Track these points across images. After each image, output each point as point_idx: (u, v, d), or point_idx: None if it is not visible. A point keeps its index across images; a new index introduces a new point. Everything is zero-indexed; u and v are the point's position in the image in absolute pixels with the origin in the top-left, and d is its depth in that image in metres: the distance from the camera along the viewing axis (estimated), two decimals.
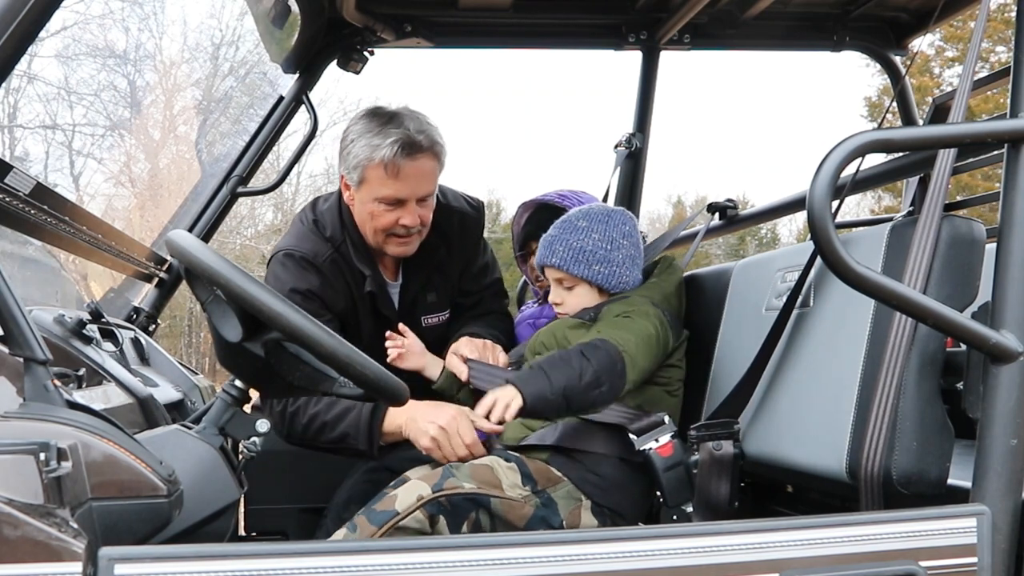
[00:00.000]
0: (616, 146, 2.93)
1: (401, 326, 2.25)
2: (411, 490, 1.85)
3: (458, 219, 2.41)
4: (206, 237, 2.88)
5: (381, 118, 2.18)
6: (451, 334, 2.41)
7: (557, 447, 1.93)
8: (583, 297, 2.05)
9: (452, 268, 2.43)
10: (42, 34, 1.23)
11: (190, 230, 2.81)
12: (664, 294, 2.05)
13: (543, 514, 1.87)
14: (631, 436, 1.88)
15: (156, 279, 2.83)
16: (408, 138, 2.13)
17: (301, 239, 2.31)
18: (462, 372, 2.12)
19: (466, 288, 2.49)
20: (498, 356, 2.22)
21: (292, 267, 2.26)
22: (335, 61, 2.79)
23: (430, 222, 2.27)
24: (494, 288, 2.56)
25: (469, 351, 2.18)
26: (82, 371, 1.71)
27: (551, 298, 2.11)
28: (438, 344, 2.40)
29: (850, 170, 1.50)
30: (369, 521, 1.82)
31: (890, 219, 1.81)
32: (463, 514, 1.82)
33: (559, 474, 1.90)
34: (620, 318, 1.94)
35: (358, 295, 2.30)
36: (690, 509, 1.81)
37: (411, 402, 2.13)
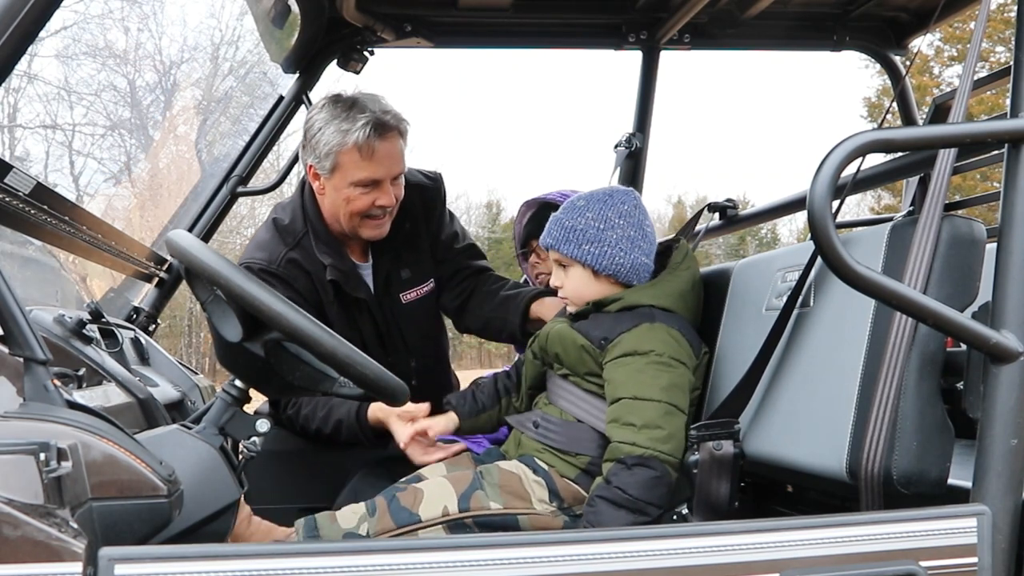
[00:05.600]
0: (616, 146, 2.93)
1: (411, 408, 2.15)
2: (438, 496, 1.85)
3: (418, 193, 2.44)
4: (206, 237, 2.89)
5: (344, 104, 2.22)
6: (440, 307, 2.52)
7: (585, 469, 1.90)
8: (578, 280, 1.99)
9: (421, 242, 2.46)
10: (42, 34, 1.23)
11: (190, 230, 2.81)
12: (680, 293, 1.97)
13: (574, 527, 1.85)
14: None
15: (156, 279, 2.83)
16: (377, 119, 2.18)
17: (258, 247, 2.33)
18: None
19: (440, 257, 2.51)
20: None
21: None
22: (335, 61, 2.79)
23: (400, 199, 2.31)
24: (469, 252, 2.58)
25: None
26: (82, 371, 1.71)
27: (552, 282, 2.07)
28: (423, 319, 2.46)
29: (850, 170, 1.50)
30: (389, 511, 1.83)
31: (890, 219, 1.81)
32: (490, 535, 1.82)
33: (585, 494, 1.87)
34: (636, 365, 1.84)
35: (321, 287, 2.32)
36: (685, 511, 1.81)
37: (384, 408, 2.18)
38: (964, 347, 1.39)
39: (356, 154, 2.18)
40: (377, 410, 2.20)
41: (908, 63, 2.86)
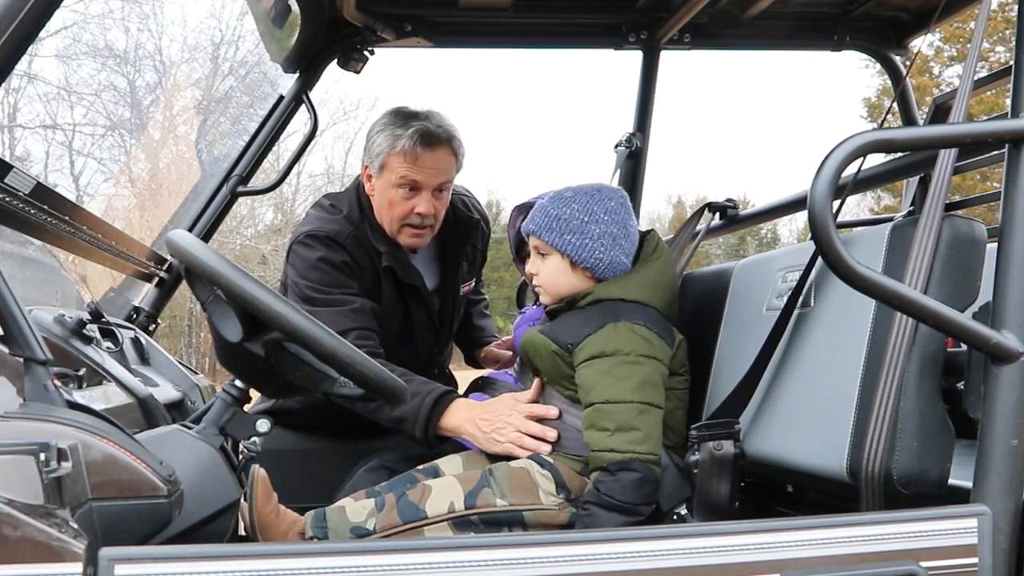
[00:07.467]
0: (616, 146, 2.93)
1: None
2: (445, 493, 1.85)
3: (473, 206, 2.69)
4: (206, 237, 2.89)
5: (404, 113, 2.40)
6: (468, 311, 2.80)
7: (586, 464, 1.88)
8: (554, 269, 1.97)
9: (480, 243, 2.71)
10: (42, 34, 1.23)
11: (190, 230, 2.81)
12: (650, 283, 1.94)
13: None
14: None
15: (156, 279, 2.83)
16: (427, 129, 2.34)
17: (321, 222, 2.43)
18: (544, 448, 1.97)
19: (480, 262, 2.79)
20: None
21: (317, 245, 2.37)
22: (335, 61, 2.79)
23: (442, 217, 2.45)
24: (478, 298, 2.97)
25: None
26: (82, 371, 1.71)
27: (528, 268, 2.05)
28: (466, 311, 2.75)
29: (851, 170, 1.50)
30: (397, 507, 1.84)
31: (890, 219, 1.81)
32: (495, 532, 1.82)
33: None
34: (604, 367, 1.83)
35: (381, 271, 2.43)
36: (684, 511, 1.81)
37: (469, 404, 2.13)
38: (964, 347, 1.39)
39: (401, 157, 2.33)
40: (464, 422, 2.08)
41: (908, 63, 2.86)
